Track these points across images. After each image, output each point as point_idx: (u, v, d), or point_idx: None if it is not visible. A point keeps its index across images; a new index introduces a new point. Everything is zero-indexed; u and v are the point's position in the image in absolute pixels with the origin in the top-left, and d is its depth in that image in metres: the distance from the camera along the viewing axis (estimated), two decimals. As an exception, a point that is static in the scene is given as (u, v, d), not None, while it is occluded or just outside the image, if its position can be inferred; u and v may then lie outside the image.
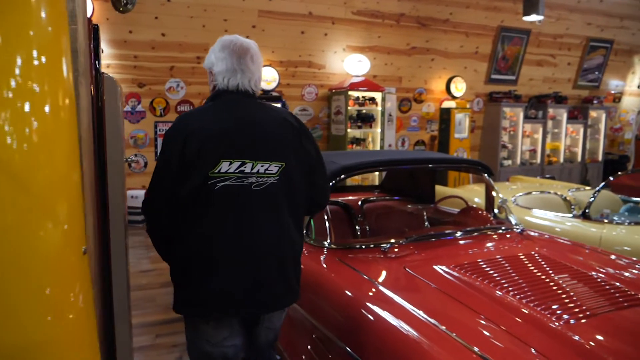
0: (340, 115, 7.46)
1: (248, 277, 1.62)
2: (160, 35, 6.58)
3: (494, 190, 3.08)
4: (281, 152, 1.67)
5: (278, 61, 7.31)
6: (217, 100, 1.70)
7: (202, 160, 1.56)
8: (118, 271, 1.81)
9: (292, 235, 1.73)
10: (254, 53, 1.73)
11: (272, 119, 1.70)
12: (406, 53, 8.25)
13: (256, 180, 1.61)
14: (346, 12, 7.62)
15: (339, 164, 2.78)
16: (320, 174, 1.86)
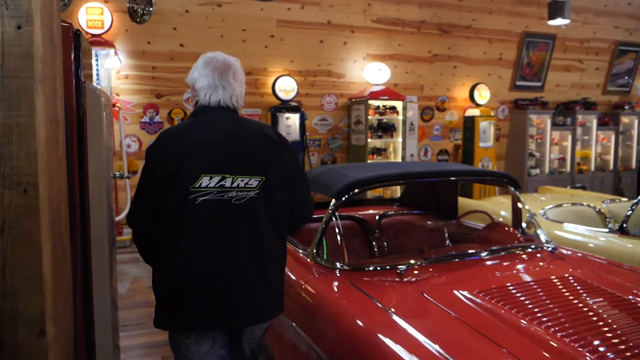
0: (360, 125, 7.30)
1: (229, 291, 1.64)
2: (178, 45, 6.56)
3: (522, 204, 2.86)
4: (261, 166, 1.70)
5: (297, 71, 7.21)
6: (199, 116, 1.74)
7: (183, 175, 1.60)
8: (100, 292, 1.69)
9: (273, 248, 1.76)
10: (236, 70, 1.78)
11: (253, 134, 1.73)
12: (428, 60, 8.06)
13: (236, 195, 1.64)
14: (365, 20, 7.49)
15: (352, 177, 2.62)
16: (301, 187, 1.87)
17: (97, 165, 1.65)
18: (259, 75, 7.04)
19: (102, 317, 1.80)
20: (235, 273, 1.64)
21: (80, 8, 5.88)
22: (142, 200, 1.67)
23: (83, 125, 1.55)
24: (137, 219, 1.69)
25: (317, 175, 2.98)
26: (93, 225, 1.62)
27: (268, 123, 6.90)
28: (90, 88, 1.63)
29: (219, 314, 1.64)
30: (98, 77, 5.93)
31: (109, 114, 1.93)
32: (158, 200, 1.62)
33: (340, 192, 2.55)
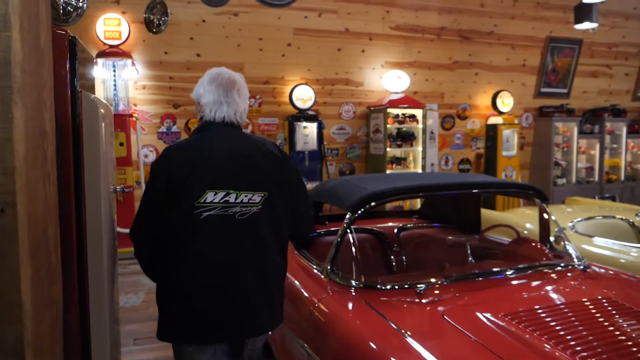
0: (379, 134, 7.16)
1: (233, 303, 1.68)
2: (195, 55, 6.54)
3: (550, 218, 2.69)
4: (264, 182, 1.73)
5: (314, 79, 7.12)
6: (203, 131, 1.77)
7: (188, 190, 1.63)
8: (97, 308, 1.59)
9: (275, 261, 1.80)
10: (241, 86, 1.82)
11: (256, 150, 1.76)
12: (448, 68, 7.89)
13: (240, 210, 1.68)
14: (384, 27, 7.37)
15: (369, 190, 2.49)
16: (302, 202, 1.91)
17: (94, 178, 1.56)
18: (276, 84, 6.97)
19: (100, 333, 1.71)
20: (238, 286, 1.68)
21: (97, 19, 5.91)
22: (146, 215, 1.68)
23: (79, 136, 1.46)
24: (140, 233, 1.71)
25: (332, 187, 2.86)
26: (90, 241, 1.52)
27: (285, 132, 6.84)
28: (87, 98, 1.55)
29: (223, 325, 1.67)
30: (115, 88, 5.94)
31: (108, 125, 1.85)
32: (162, 215, 1.64)
33: (356, 205, 2.42)
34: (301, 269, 2.76)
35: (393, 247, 3.31)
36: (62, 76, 1.37)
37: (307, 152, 6.74)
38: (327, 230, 3.39)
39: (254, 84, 6.84)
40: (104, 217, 1.68)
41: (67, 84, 1.40)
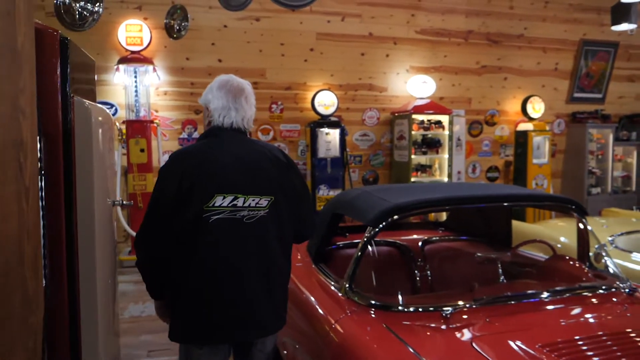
0: (404, 141, 6.96)
1: (240, 306, 1.72)
2: (216, 61, 6.48)
3: (589, 234, 2.46)
4: (271, 186, 1.77)
5: (337, 85, 6.98)
6: (211, 137, 1.81)
7: (197, 194, 1.66)
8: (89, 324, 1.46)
9: (280, 264, 1.85)
10: (248, 93, 1.88)
11: (263, 155, 1.80)
12: (476, 72, 7.64)
13: (248, 214, 1.72)
14: (409, 31, 7.19)
15: (391, 202, 2.31)
16: (306, 206, 1.97)
17: (86, 189, 1.44)
18: (298, 90, 6.86)
19: (90, 349, 1.57)
20: (245, 288, 1.72)
21: (119, 25, 5.91)
22: (155, 221, 1.70)
23: (70, 145, 1.33)
24: (148, 240, 1.71)
25: (352, 198, 2.69)
26: (82, 256, 1.40)
27: (307, 139, 6.71)
28: (80, 104, 1.43)
29: (228, 326, 1.71)
30: (137, 94, 5.92)
31: (107, 132, 1.74)
32: (170, 219, 1.67)
33: (376, 219, 2.25)
34: (318, 285, 2.60)
35: (417, 262, 3.11)
36: (51, 80, 1.26)
37: (329, 159, 6.59)
38: (347, 243, 3.22)
39: (276, 89, 6.74)
40: (99, 229, 1.55)
41: (58, 88, 1.28)
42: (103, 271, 1.67)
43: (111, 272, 1.95)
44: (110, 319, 1.84)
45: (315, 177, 6.58)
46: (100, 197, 1.59)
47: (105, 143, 1.72)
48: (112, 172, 2.03)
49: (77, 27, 3.58)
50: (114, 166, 2.10)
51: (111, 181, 1.97)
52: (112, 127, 2.02)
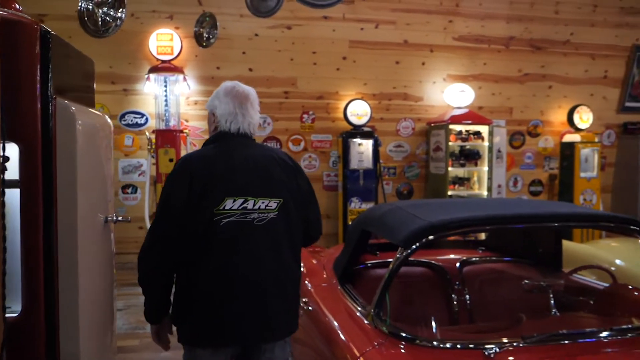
0: (440, 152, 6.65)
1: (251, 309, 1.73)
2: (247, 70, 6.38)
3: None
4: (279, 189, 1.80)
5: (371, 94, 6.75)
6: (218, 142, 1.84)
7: (207, 198, 1.69)
8: None
9: (291, 267, 1.86)
10: (254, 99, 1.89)
11: (270, 159, 1.83)
12: (518, 80, 7.26)
13: (258, 216, 1.74)
14: (446, 38, 6.90)
15: (426, 220, 2.05)
16: (313, 209, 1.98)
17: (69, 205, 1.25)
18: (330, 99, 6.67)
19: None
20: (256, 290, 1.73)
21: (150, 35, 5.89)
22: (164, 225, 1.70)
23: (51, 153, 1.15)
24: (157, 245, 1.70)
25: (382, 215, 2.44)
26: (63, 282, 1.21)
27: (339, 149, 6.49)
28: (63, 107, 1.25)
29: (240, 328, 1.71)
30: (167, 104, 5.86)
31: (101, 139, 1.56)
32: (180, 224, 1.68)
33: (409, 239, 2.00)
34: (343, 308, 2.37)
35: (454, 285, 2.82)
36: (27, 79, 1.09)
37: (361, 170, 6.35)
38: (378, 262, 2.97)
39: (307, 99, 6.58)
40: (86, 248, 1.37)
41: (36, 89, 1.11)
42: (90, 294, 1.49)
43: (105, 294, 1.78)
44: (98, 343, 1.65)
45: (347, 189, 6.35)
46: (87, 213, 1.41)
47: (99, 152, 1.55)
48: (108, 186, 1.85)
49: (101, 33, 3.52)
50: (110, 179, 1.92)
51: (106, 195, 1.79)
52: (109, 135, 1.85)
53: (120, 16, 3.53)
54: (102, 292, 1.74)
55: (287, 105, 6.55)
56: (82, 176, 1.35)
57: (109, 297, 1.94)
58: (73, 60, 1.30)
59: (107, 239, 1.77)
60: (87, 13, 3.30)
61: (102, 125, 1.66)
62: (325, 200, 6.73)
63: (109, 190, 1.83)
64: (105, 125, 1.77)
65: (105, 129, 1.75)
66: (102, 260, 1.73)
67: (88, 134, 1.42)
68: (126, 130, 6.19)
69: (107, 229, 1.73)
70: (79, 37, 5.91)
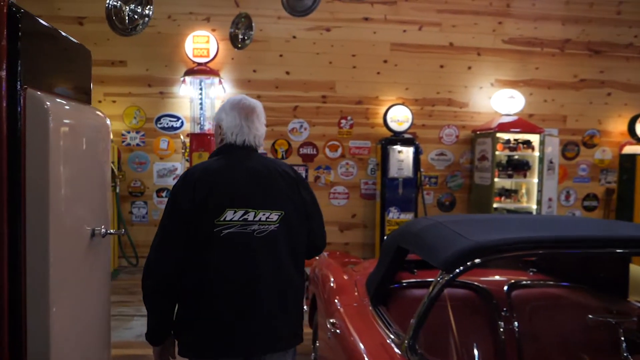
0: (486, 162, 6.26)
1: (252, 320, 1.73)
2: (284, 73, 6.21)
3: None
4: (281, 201, 1.81)
5: (412, 99, 6.45)
6: (223, 154, 1.87)
7: (208, 209, 1.70)
8: None
9: (292, 278, 1.85)
10: (260, 112, 1.91)
11: (273, 171, 1.84)
12: (573, 87, 6.78)
13: (258, 228, 1.75)
14: (495, 40, 6.51)
15: (471, 239, 1.76)
16: (317, 221, 1.98)
17: (39, 214, 1.05)
18: (370, 105, 6.40)
19: None
20: (256, 302, 1.74)
21: (187, 37, 5.82)
22: (169, 237, 1.70)
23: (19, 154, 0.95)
24: (162, 258, 1.70)
25: (421, 230, 2.15)
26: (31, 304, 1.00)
27: (378, 157, 6.21)
28: (34, 99, 1.05)
29: (239, 342, 1.72)
30: (202, 107, 5.77)
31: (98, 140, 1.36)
32: (184, 235, 1.69)
33: (452, 261, 1.72)
34: (374, 333, 2.12)
35: (501, 312, 2.48)
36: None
37: (401, 179, 6.05)
38: (415, 282, 2.68)
39: (345, 104, 6.34)
40: (62, 265, 1.16)
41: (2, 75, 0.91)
42: (72, 322, 1.28)
43: (94, 321, 1.57)
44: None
45: (385, 198, 6.06)
46: (66, 224, 1.21)
47: (88, 155, 1.35)
48: (101, 194, 1.64)
49: (129, 31, 3.41)
50: (105, 186, 1.71)
51: (98, 204, 1.59)
52: (106, 137, 1.64)
53: (148, 13, 3.41)
54: (91, 319, 1.53)
55: (325, 110, 6.33)
56: (58, 182, 1.15)
57: (101, 326, 1.73)
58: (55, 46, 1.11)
59: (98, 255, 1.56)
60: (114, 10, 3.20)
61: (96, 126, 1.47)
62: (362, 209, 6.46)
63: (102, 199, 1.62)
64: (101, 125, 1.57)
65: (102, 130, 1.55)
66: (90, 279, 1.52)
67: (70, 133, 1.23)
68: (162, 133, 6.14)
69: (98, 243, 1.52)
70: (116, 40, 5.92)
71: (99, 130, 1.56)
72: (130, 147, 6.13)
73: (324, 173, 6.39)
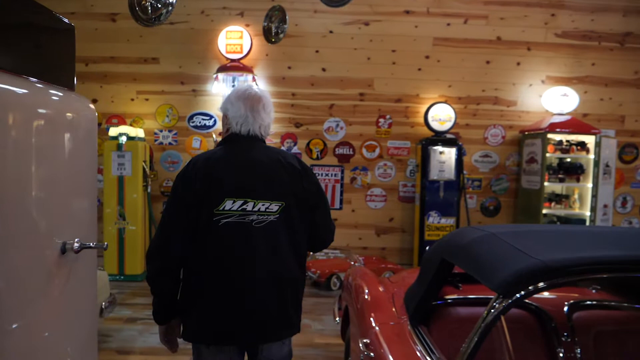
0: (535, 164, 5.83)
1: (247, 309, 1.76)
2: (320, 70, 5.98)
3: None
4: (282, 192, 1.81)
5: (455, 97, 6.09)
6: (228, 143, 1.88)
7: (208, 198, 1.74)
8: None
9: (291, 270, 1.85)
10: (266, 102, 1.90)
11: (276, 162, 1.84)
12: (633, 84, 6.27)
13: (257, 218, 1.77)
14: (547, 34, 6.06)
15: (536, 257, 1.46)
16: (322, 213, 1.95)
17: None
18: (410, 103, 6.08)
19: None
20: (253, 292, 1.76)
21: (220, 33, 5.67)
22: (171, 224, 1.75)
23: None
24: (164, 244, 1.74)
25: (471, 243, 1.86)
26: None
27: (417, 158, 5.89)
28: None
29: (237, 329, 1.76)
30: (235, 104, 5.60)
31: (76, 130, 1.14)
32: (186, 223, 1.73)
33: (512, 284, 1.44)
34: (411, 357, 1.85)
35: (561, 337, 2.16)
36: None
37: (442, 181, 5.71)
38: (460, 299, 2.38)
39: (384, 102, 6.05)
40: (7, 292, 0.92)
41: None
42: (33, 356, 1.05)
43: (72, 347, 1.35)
44: None
45: (425, 202, 5.75)
46: (12, 237, 0.98)
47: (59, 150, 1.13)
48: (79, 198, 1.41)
49: (152, 21, 3.26)
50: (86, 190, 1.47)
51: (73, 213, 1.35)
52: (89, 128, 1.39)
53: (172, 2, 3.24)
54: (67, 349, 1.30)
55: (362, 109, 6.05)
56: (4, 185, 0.94)
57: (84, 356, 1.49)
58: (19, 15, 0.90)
59: (76, 273, 1.33)
60: (137, 0, 3.05)
61: (74, 115, 1.24)
62: (400, 213, 6.15)
63: (80, 206, 1.39)
64: (82, 115, 1.34)
65: (82, 120, 1.32)
66: (64, 303, 1.30)
67: (24, 121, 1.01)
68: (194, 132, 6.02)
69: (74, 259, 1.30)
70: (149, 37, 5.87)
71: (78, 121, 1.35)
72: (162, 146, 6.04)
73: (360, 174, 6.11)
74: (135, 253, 5.33)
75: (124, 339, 3.82)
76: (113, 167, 5.35)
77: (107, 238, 5.40)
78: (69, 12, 5.85)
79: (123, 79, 5.95)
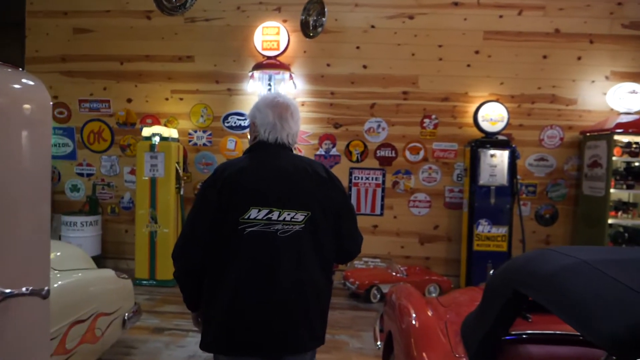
0: (599, 169, 5.27)
1: (271, 321, 1.73)
2: (361, 67, 5.63)
3: None
4: (307, 201, 1.79)
5: (508, 95, 5.60)
6: (255, 151, 1.89)
7: (234, 206, 1.73)
8: None
9: (316, 280, 1.81)
10: (294, 110, 1.91)
11: (302, 170, 1.84)
12: None
13: (282, 228, 1.75)
14: (612, 25, 5.50)
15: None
16: (348, 223, 1.91)
17: None
18: (458, 102, 5.64)
19: None
20: (277, 302, 1.73)
21: (256, 29, 5.42)
22: (196, 232, 1.76)
23: None
24: (187, 251, 1.77)
25: (554, 275, 1.47)
26: None
27: (466, 161, 5.44)
28: None
29: (260, 340, 1.74)
30: (271, 104, 5.33)
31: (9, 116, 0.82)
32: (209, 231, 1.73)
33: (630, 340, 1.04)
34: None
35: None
36: None
37: (493, 187, 5.25)
38: (533, 335, 1.99)
39: (430, 101, 5.64)
40: None
41: None
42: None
43: None
44: None
45: (474, 209, 5.30)
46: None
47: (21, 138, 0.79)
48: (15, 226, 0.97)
49: (177, 9, 3.03)
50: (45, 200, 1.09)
51: None
52: (32, 119, 1.00)
53: (193, -10, 2.99)
54: None
55: (406, 108, 5.66)
56: None
57: None
58: None
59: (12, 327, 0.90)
60: (160, -12, 2.83)
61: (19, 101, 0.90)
62: (446, 220, 5.71)
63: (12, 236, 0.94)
64: (22, 100, 0.93)
65: (17, 102, 0.91)
66: None
67: None
68: (229, 132, 5.79)
69: (4, 309, 0.92)
70: (184, 34, 5.68)
71: (16, 109, 0.91)
72: (197, 147, 5.84)
73: (403, 178, 5.72)
74: (167, 257, 5.13)
75: (149, 351, 3.59)
76: (146, 169, 5.19)
77: (138, 241, 5.25)
78: (104, 11, 5.75)
79: (158, 77, 5.79)
